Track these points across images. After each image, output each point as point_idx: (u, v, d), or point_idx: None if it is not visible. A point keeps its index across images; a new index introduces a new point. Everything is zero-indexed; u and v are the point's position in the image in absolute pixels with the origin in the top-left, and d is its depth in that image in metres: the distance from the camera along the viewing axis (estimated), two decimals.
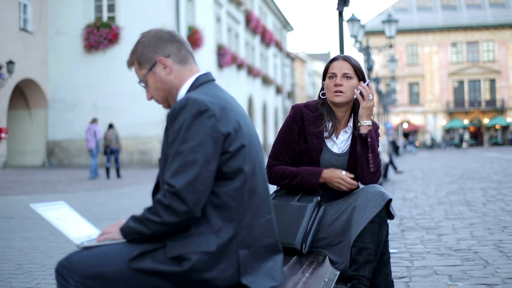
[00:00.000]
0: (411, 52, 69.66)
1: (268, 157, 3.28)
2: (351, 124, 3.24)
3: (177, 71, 2.32)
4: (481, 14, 68.36)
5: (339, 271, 3.05)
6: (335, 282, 3.14)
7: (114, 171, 19.56)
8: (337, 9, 12.50)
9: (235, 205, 2.17)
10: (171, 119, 2.14)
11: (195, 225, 2.14)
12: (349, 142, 3.21)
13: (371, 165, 3.13)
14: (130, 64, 2.40)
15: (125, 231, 2.18)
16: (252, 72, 40.33)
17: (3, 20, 23.20)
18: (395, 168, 19.14)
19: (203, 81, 2.32)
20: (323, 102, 3.24)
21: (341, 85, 3.15)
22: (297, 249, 2.97)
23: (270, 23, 48.80)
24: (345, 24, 14.54)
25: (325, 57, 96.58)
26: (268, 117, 46.81)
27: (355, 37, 19.58)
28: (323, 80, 3.28)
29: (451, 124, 67.58)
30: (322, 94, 3.25)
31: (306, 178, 3.14)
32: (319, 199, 3.11)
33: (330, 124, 3.21)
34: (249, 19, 40.11)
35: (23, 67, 24.10)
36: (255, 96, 41.95)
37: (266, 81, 45.20)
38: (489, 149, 55.53)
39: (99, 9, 26.51)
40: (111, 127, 19.41)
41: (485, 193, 11.44)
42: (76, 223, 2.38)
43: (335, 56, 3.27)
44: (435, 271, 4.86)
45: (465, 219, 7.87)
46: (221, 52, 32.76)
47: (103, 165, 21.68)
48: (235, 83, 35.70)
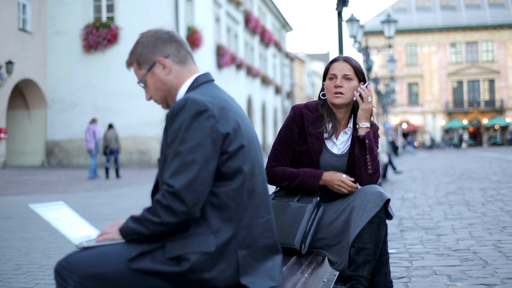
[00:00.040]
0: (410, 52, 69.66)
1: (267, 158, 3.28)
2: (351, 125, 3.24)
3: (176, 72, 2.32)
4: (480, 14, 68.37)
5: (338, 272, 3.05)
6: (334, 282, 3.14)
7: (113, 171, 19.56)
8: (336, 9, 12.50)
9: (234, 206, 2.17)
10: (170, 120, 2.14)
11: (194, 225, 2.14)
12: (349, 143, 3.21)
13: (369, 167, 3.14)
14: (129, 64, 2.40)
15: (124, 231, 2.18)
16: (251, 72, 40.33)
17: (2, 20, 23.19)
18: (394, 168, 19.13)
19: (202, 82, 2.32)
20: (323, 103, 3.24)
21: (341, 87, 3.15)
22: (296, 250, 2.97)
23: (269, 23, 48.81)
24: (344, 24, 14.54)
25: (324, 57, 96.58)
26: (267, 117, 46.82)
27: (354, 37, 19.58)
28: (323, 80, 3.28)
29: (450, 124, 67.59)
30: (322, 95, 3.25)
31: (306, 180, 3.14)
32: (318, 199, 3.12)
33: (330, 125, 3.21)
34: (248, 19, 40.11)
35: (22, 67, 24.09)
36: (254, 96, 41.95)
37: (265, 81, 45.20)
38: (488, 149, 55.55)
39: (98, 9, 26.50)
40: (111, 127, 19.40)
41: (484, 193, 11.44)
42: (75, 224, 2.37)
43: (336, 57, 3.27)
44: (434, 271, 4.86)
45: (464, 219, 7.87)
46: (220, 52, 32.76)
47: (102, 165, 21.66)
48: (234, 83, 35.70)
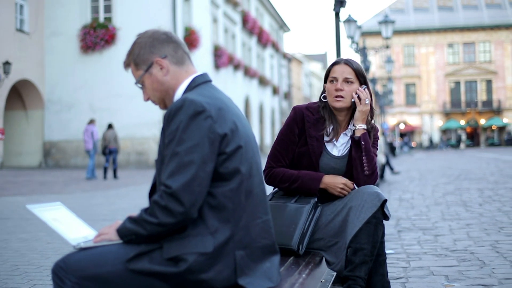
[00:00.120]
0: (408, 53, 69.71)
1: (267, 158, 3.29)
2: (351, 127, 3.23)
3: (173, 72, 2.32)
4: (477, 15, 68.45)
5: (336, 272, 3.05)
6: (331, 283, 3.14)
7: (111, 171, 19.54)
8: (334, 10, 12.49)
9: (231, 206, 2.17)
10: (168, 120, 2.14)
11: (191, 226, 2.14)
12: (349, 144, 3.21)
13: (365, 168, 3.14)
14: (126, 65, 2.40)
15: (122, 232, 2.18)
16: (248, 73, 40.33)
17: None
18: (391, 168, 19.14)
19: (200, 82, 2.32)
20: (324, 105, 3.24)
21: (341, 90, 3.15)
22: (294, 250, 2.97)
23: (266, 24, 48.81)
24: (341, 25, 14.54)
25: (322, 58, 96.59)
26: (264, 118, 46.81)
27: (351, 38, 19.60)
28: (324, 82, 3.27)
29: (447, 124, 67.64)
30: (323, 97, 3.25)
31: (306, 182, 3.14)
32: (316, 200, 3.12)
33: (330, 127, 3.21)
34: (245, 20, 40.11)
35: (19, 67, 24.06)
36: (252, 97, 41.96)
37: (262, 82, 45.19)
38: (486, 149, 55.59)
39: (95, 10, 26.49)
40: (110, 127, 19.42)
41: (482, 193, 11.45)
42: (72, 224, 2.37)
43: (337, 59, 3.26)
44: (432, 271, 4.87)
45: (462, 220, 7.88)
46: (217, 53, 32.75)
47: (100, 166, 21.64)
48: (231, 84, 35.70)
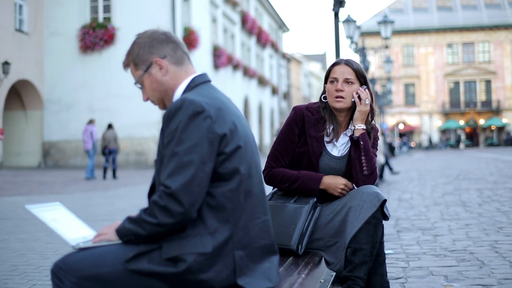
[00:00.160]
0: (407, 53, 69.74)
1: (267, 158, 3.28)
2: (351, 127, 3.23)
3: (173, 72, 2.32)
4: (476, 15, 68.48)
5: (335, 272, 3.05)
6: (331, 283, 3.14)
7: (110, 171, 19.53)
8: (333, 10, 12.50)
9: (231, 206, 2.17)
10: (167, 120, 2.14)
11: (191, 226, 2.13)
12: (349, 145, 3.21)
13: (364, 168, 3.14)
14: (126, 65, 2.39)
15: (121, 232, 2.17)
16: (248, 73, 40.32)
17: None
18: (391, 169, 19.14)
19: (199, 82, 2.32)
20: (324, 105, 3.23)
21: (342, 91, 3.14)
22: (293, 250, 2.97)
23: (266, 24, 48.80)
24: (341, 25, 14.55)
25: (321, 58, 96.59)
26: (264, 118, 46.81)
27: (351, 38, 19.61)
28: (324, 83, 3.27)
29: (446, 125, 67.67)
30: (323, 97, 3.24)
31: (306, 183, 3.14)
32: (315, 200, 3.12)
33: (331, 127, 3.21)
34: (245, 20, 40.11)
35: (18, 68, 24.04)
36: (251, 97, 41.95)
37: (262, 82, 45.19)
38: (485, 150, 55.61)
39: (94, 10, 26.47)
40: (110, 127, 19.42)
41: (481, 194, 11.45)
42: (71, 224, 2.37)
43: (337, 60, 3.25)
44: (431, 271, 4.87)
45: (461, 220, 7.88)
46: (217, 53, 32.75)
47: (99, 166, 21.64)
48: (231, 84, 35.69)
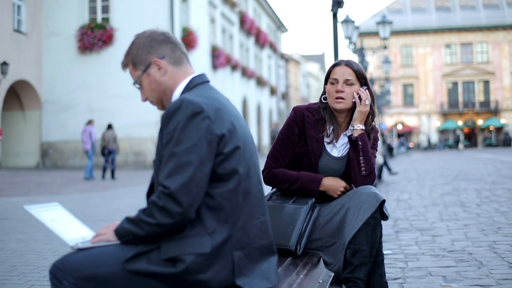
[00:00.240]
0: (405, 53, 69.76)
1: (266, 158, 3.28)
2: (351, 127, 3.23)
3: (171, 73, 2.32)
4: (474, 15, 68.52)
5: (333, 272, 3.05)
6: (329, 283, 3.14)
7: (109, 172, 19.52)
8: (331, 10, 12.52)
9: (229, 207, 2.17)
10: (166, 121, 2.13)
11: (189, 226, 2.13)
12: (349, 145, 3.22)
13: (362, 169, 3.13)
14: (124, 65, 2.39)
15: (120, 232, 2.17)
16: (246, 73, 40.32)
17: None
18: (389, 169, 19.14)
19: (198, 83, 2.31)
20: (325, 106, 3.23)
21: (342, 92, 3.14)
22: (291, 251, 2.97)
23: (264, 24, 48.82)
24: (339, 25, 14.56)
25: (320, 59, 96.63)
26: (262, 118, 46.81)
27: (349, 38, 19.62)
28: (324, 84, 3.27)
29: (445, 125, 67.70)
30: (323, 98, 3.24)
31: (306, 184, 3.14)
32: (314, 201, 3.12)
33: (331, 128, 3.21)
34: (243, 21, 40.11)
35: (17, 68, 24.03)
36: (250, 97, 41.95)
37: (260, 82, 45.20)
38: (483, 150, 55.64)
39: (93, 10, 26.46)
40: (110, 127, 19.42)
41: (479, 194, 11.46)
42: (70, 225, 2.37)
43: (338, 61, 3.24)
44: (430, 272, 4.87)
45: (459, 220, 7.89)
46: (215, 53, 32.74)
47: (98, 166, 21.64)
48: (229, 84, 35.69)
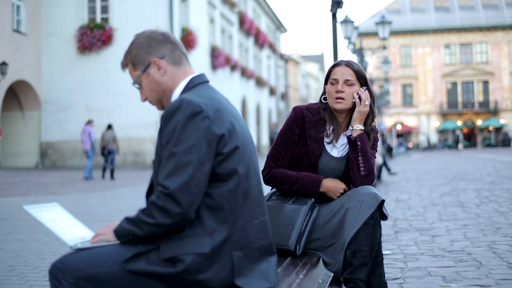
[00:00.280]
0: (405, 53, 69.77)
1: (266, 158, 3.28)
2: (351, 127, 3.23)
3: (171, 73, 2.32)
4: (474, 15, 68.54)
5: (333, 273, 3.05)
6: (329, 283, 3.14)
7: (109, 172, 19.51)
8: (331, 10, 12.52)
9: (229, 207, 2.17)
10: (165, 121, 2.13)
11: (189, 226, 2.13)
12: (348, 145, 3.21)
13: (361, 169, 3.13)
14: (124, 65, 2.39)
15: (119, 232, 2.17)
16: (245, 73, 40.32)
17: None
18: (388, 169, 19.14)
19: (197, 83, 2.31)
20: (325, 107, 3.23)
21: (342, 92, 3.14)
22: (291, 251, 2.97)
23: (263, 24, 48.81)
24: (338, 25, 14.57)
25: (319, 59, 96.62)
26: (261, 118, 46.80)
27: (348, 38, 19.63)
28: (325, 84, 3.27)
29: (444, 125, 67.71)
30: (323, 98, 3.24)
31: (306, 185, 3.14)
32: (313, 201, 3.12)
33: (331, 128, 3.21)
34: (242, 21, 40.10)
35: (16, 68, 24.01)
36: (249, 97, 41.94)
37: (259, 82, 45.19)
38: (482, 150, 55.64)
39: (92, 10, 26.45)
40: (110, 128, 19.42)
41: (479, 194, 11.46)
42: (69, 225, 2.37)
43: (338, 61, 3.25)
44: (429, 272, 4.87)
45: (459, 221, 7.88)
46: (214, 53, 32.74)
47: (97, 167, 21.64)
48: (228, 84, 35.68)
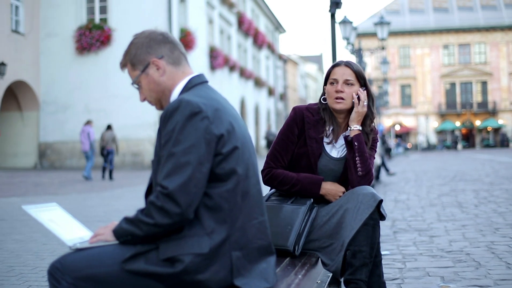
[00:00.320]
0: (403, 54, 69.77)
1: (266, 158, 3.29)
2: (349, 128, 3.23)
3: (170, 73, 2.32)
4: (472, 16, 68.57)
5: (331, 273, 3.05)
6: (327, 284, 3.14)
7: (107, 172, 19.50)
8: (329, 11, 12.52)
9: (228, 207, 2.17)
10: (164, 121, 2.13)
11: (188, 226, 2.13)
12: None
13: (359, 169, 3.14)
14: (123, 65, 2.39)
15: (118, 232, 2.17)
16: (244, 74, 40.31)
17: None
18: (387, 170, 19.15)
19: (196, 83, 2.31)
20: (324, 107, 3.24)
21: (342, 92, 3.15)
22: (290, 251, 2.97)
23: (262, 25, 48.81)
24: (337, 26, 14.58)
25: (317, 59, 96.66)
26: (260, 119, 46.80)
27: (347, 39, 19.64)
28: (324, 84, 3.27)
29: (442, 126, 67.71)
30: (323, 99, 3.25)
31: (306, 187, 3.15)
32: (312, 201, 3.12)
33: (331, 129, 3.22)
34: (241, 21, 40.10)
35: (14, 69, 24.00)
36: (248, 98, 41.94)
37: (258, 83, 45.19)
38: (481, 151, 55.66)
39: (91, 10, 26.44)
40: (109, 128, 19.41)
41: (477, 195, 11.46)
42: (68, 225, 2.37)
43: (337, 61, 3.26)
44: (428, 272, 4.87)
45: (457, 221, 7.89)
46: (213, 54, 32.73)
47: (96, 167, 21.64)
48: (227, 85, 35.67)
